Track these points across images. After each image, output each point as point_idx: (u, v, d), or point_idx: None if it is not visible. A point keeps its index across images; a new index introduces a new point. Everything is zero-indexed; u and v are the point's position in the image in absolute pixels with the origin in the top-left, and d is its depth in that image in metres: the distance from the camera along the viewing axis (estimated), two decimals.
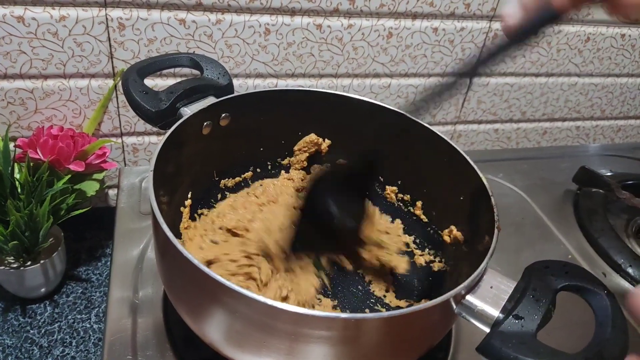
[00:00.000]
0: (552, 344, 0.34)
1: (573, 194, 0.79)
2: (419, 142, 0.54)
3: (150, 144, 0.71)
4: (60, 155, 0.58)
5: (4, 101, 0.61)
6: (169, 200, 0.49)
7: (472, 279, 0.37)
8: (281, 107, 0.57)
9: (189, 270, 0.35)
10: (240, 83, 0.69)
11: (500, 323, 0.36)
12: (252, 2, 0.62)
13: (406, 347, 0.40)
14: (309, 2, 0.64)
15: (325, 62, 0.70)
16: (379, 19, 0.69)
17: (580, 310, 0.39)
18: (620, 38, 0.83)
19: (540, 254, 0.67)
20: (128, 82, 0.49)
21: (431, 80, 0.77)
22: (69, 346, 0.58)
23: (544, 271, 0.38)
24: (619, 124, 0.98)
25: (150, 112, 0.48)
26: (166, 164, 0.46)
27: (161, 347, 0.48)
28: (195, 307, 0.40)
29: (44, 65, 0.60)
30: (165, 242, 0.37)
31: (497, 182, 0.78)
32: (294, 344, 0.35)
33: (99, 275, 0.66)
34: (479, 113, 0.85)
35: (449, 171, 0.52)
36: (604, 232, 0.70)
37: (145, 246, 0.59)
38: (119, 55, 0.62)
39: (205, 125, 0.52)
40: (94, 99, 0.64)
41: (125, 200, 0.64)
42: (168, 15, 0.60)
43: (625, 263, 0.66)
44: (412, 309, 0.35)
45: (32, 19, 0.56)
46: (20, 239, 0.54)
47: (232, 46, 0.65)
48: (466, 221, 0.51)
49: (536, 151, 0.92)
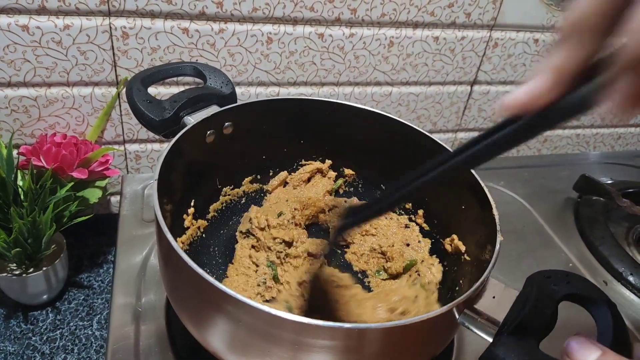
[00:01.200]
0: (554, 353, 0.34)
1: (574, 201, 0.79)
2: (420, 150, 0.55)
3: (153, 152, 0.71)
4: (63, 163, 0.58)
5: (7, 109, 0.61)
6: (173, 208, 0.49)
7: (475, 289, 0.37)
8: (283, 116, 0.57)
9: (193, 278, 0.36)
10: (243, 91, 0.69)
11: (502, 333, 0.36)
12: (254, 12, 0.63)
13: (409, 356, 0.40)
14: (311, 11, 0.64)
15: (326, 71, 0.71)
16: (380, 28, 0.69)
17: (582, 320, 0.39)
18: None
19: (541, 261, 0.67)
20: (132, 91, 0.49)
21: (432, 88, 0.78)
22: (71, 353, 0.58)
23: (545, 281, 0.38)
24: (619, 131, 0.98)
25: (154, 121, 0.49)
26: (170, 172, 0.46)
27: (164, 355, 0.48)
28: (199, 315, 0.40)
29: (48, 73, 0.60)
30: (168, 250, 0.37)
31: (498, 190, 0.79)
32: (297, 353, 0.35)
33: (100, 282, 0.67)
34: (479, 121, 0.85)
35: (449, 180, 0.52)
36: (604, 240, 0.70)
37: (148, 253, 0.59)
38: (123, 64, 0.62)
39: (209, 133, 0.52)
40: (97, 107, 0.64)
41: (127, 208, 0.65)
42: (171, 25, 0.61)
43: (626, 271, 0.66)
44: (415, 319, 0.35)
45: (37, 27, 0.57)
46: (23, 246, 0.54)
47: (235, 55, 0.65)
48: (468, 230, 0.51)
49: (537, 159, 0.92)
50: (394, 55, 0.72)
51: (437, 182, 0.33)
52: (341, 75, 0.72)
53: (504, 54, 0.78)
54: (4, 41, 0.56)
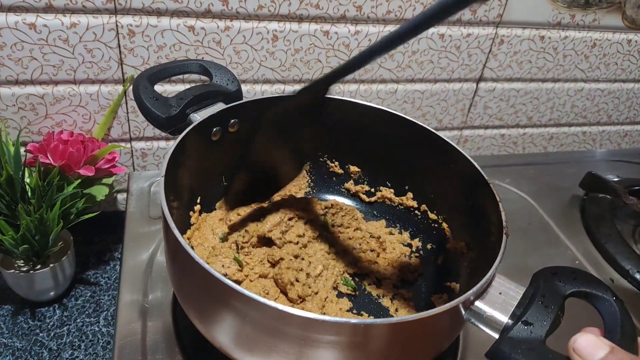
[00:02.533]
0: (561, 350, 0.34)
1: (580, 199, 0.79)
2: (426, 147, 0.55)
3: (159, 149, 0.72)
4: (70, 160, 0.58)
5: (15, 106, 0.62)
6: (179, 205, 0.49)
7: (481, 285, 0.37)
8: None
9: (200, 274, 0.36)
10: (248, 89, 0.69)
11: (509, 329, 0.36)
12: (260, 9, 0.63)
13: (415, 352, 0.40)
14: (316, 9, 0.64)
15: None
16: (386, 26, 0.69)
17: (589, 316, 0.39)
18: (626, 44, 0.83)
19: (547, 259, 0.67)
20: (139, 88, 0.50)
21: (437, 86, 0.78)
22: (78, 349, 0.58)
23: (552, 277, 0.38)
24: (625, 129, 0.98)
25: (161, 118, 0.49)
26: (176, 169, 0.46)
27: (171, 351, 0.48)
28: (205, 311, 0.40)
29: (55, 71, 0.61)
30: (176, 246, 0.37)
31: (503, 188, 0.78)
32: (303, 349, 0.35)
33: (107, 279, 0.67)
34: (485, 118, 0.85)
35: (455, 176, 0.53)
36: (611, 238, 0.70)
37: (155, 250, 0.59)
38: (129, 62, 0.62)
39: (215, 131, 0.52)
40: (103, 105, 0.65)
41: (134, 205, 0.65)
42: (177, 23, 0.61)
43: (633, 269, 0.66)
44: (421, 315, 0.35)
45: (44, 25, 0.57)
46: (30, 242, 0.55)
47: (240, 52, 0.65)
48: (474, 226, 0.51)
49: (543, 156, 0.92)
50: (399, 52, 0.72)
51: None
52: None
53: (510, 51, 0.77)
54: (11, 39, 0.57)
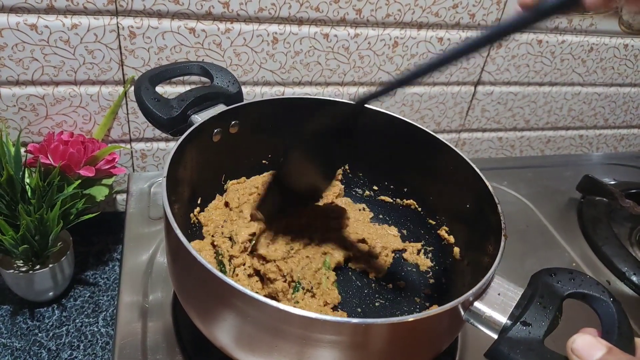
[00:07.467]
0: (559, 350, 0.34)
1: (577, 202, 0.80)
2: (425, 150, 0.55)
3: (159, 150, 0.72)
4: (70, 161, 0.59)
5: (15, 107, 0.62)
6: (179, 205, 0.49)
7: (480, 286, 0.38)
8: (288, 115, 0.58)
9: (201, 273, 0.36)
10: (248, 91, 0.69)
11: (508, 329, 0.36)
12: (260, 12, 0.63)
13: (414, 352, 0.40)
14: (316, 11, 0.65)
15: (331, 71, 0.71)
16: (385, 29, 0.70)
17: (587, 317, 0.39)
18: (623, 48, 0.84)
19: (544, 261, 0.68)
20: (140, 90, 0.50)
21: (436, 89, 0.78)
22: (77, 349, 0.58)
23: (550, 278, 0.39)
24: (622, 132, 0.98)
25: (162, 119, 0.49)
26: (177, 169, 0.46)
27: (171, 351, 0.48)
28: (206, 310, 0.40)
29: (56, 72, 0.61)
30: (177, 245, 0.38)
31: (501, 190, 0.79)
32: (304, 348, 0.36)
33: (106, 280, 0.67)
34: (483, 121, 0.86)
35: (454, 179, 0.53)
36: (607, 240, 0.71)
37: (155, 251, 0.59)
38: (130, 63, 0.63)
39: (216, 132, 0.52)
40: (104, 106, 0.65)
41: (134, 206, 0.65)
42: (178, 24, 0.61)
43: (629, 271, 0.67)
44: (421, 315, 0.35)
45: (45, 26, 0.57)
46: (30, 242, 0.55)
47: (241, 54, 0.66)
48: (472, 228, 0.52)
49: (540, 159, 0.93)
50: (398, 55, 0.73)
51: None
52: (346, 75, 0.72)
53: (508, 54, 0.78)
54: (12, 40, 0.57)
